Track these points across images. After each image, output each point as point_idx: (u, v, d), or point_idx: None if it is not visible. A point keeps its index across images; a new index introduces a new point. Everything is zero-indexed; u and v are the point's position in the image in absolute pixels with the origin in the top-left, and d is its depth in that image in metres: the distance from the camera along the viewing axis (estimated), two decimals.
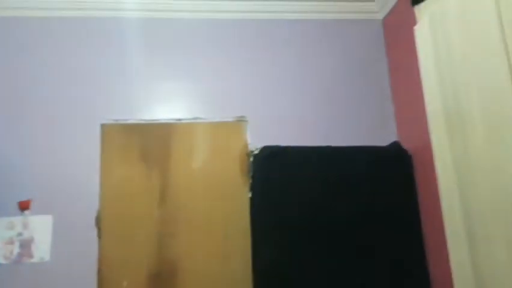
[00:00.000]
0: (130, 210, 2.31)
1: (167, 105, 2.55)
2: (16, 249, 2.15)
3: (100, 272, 2.20)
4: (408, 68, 2.54)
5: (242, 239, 2.36)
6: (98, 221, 2.27)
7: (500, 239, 1.21)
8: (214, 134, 2.55)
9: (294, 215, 2.29)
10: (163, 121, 2.50)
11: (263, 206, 2.32)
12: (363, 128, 2.71)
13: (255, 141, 2.51)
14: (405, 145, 2.58)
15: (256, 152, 2.40)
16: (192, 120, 2.54)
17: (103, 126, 2.41)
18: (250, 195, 2.40)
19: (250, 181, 2.40)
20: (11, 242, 2.16)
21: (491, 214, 1.28)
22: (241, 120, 2.59)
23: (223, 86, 2.65)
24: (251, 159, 2.43)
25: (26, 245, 2.17)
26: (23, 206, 2.21)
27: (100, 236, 2.26)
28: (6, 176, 2.24)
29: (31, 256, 2.16)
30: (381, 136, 2.67)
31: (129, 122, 2.46)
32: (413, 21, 2.32)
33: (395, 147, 2.58)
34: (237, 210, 2.42)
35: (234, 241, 2.37)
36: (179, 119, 2.53)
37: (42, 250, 2.18)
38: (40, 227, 2.20)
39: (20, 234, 2.17)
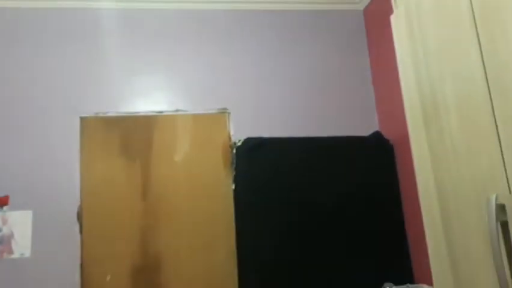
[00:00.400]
0: (112, 204, 2.30)
1: (148, 97, 2.53)
2: None
3: (82, 266, 2.19)
4: (388, 59, 2.57)
5: (226, 230, 2.38)
6: (80, 216, 2.25)
7: (472, 218, 1.26)
8: (196, 126, 2.54)
9: (277, 206, 2.31)
10: (144, 114, 2.48)
11: (247, 197, 2.32)
12: (345, 119, 2.73)
13: (238, 133, 2.51)
14: (387, 135, 2.62)
15: (239, 143, 2.40)
16: (174, 113, 2.53)
17: (82, 119, 2.37)
18: (233, 187, 2.40)
19: (234, 173, 2.40)
20: None
21: (464, 195, 1.32)
22: (223, 112, 2.59)
23: (205, 77, 2.64)
24: (234, 151, 2.43)
25: (5, 241, 2.14)
26: (1, 202, 2.17)
27: (81, 231, 2.24)
28: None
29: (11, 252, 2.13)
30: (363, 126, 2.70)
31: (109, 114, 2.43)
32: (392, 12, 2.33)
33: (377, 137, 2.62)
34: (220, 202, 2.43)
35: (217, 233, 2.38)
36: (161, 112, 2.51)
37: (22, 246, 2.15)
38: (20, 223, 2.17)
39: None
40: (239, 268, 2.26)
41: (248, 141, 2.39)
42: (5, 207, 2.17)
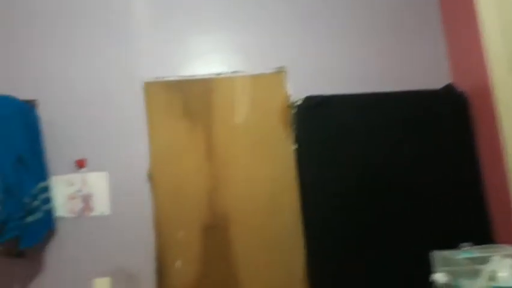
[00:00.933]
0: (179, 165, 2.38)
1: (206, 59, 2.52)
2: (79, 204, 2.32)
3: (156, 224, 2.33)
4: (463, 4, 2.29)
5: (289, 191, 2.38)
6: (150, 177, 2.37)
7: None
8: (254, 87, 2.50)
9: (342, 165, 2.25)
10: (202, 76, 2.48)
11: (309, 158, 2.29)
12: (413, 71, 2.54)
13: (296, 92, 2.44)
14: (461, 87, 2.39)
15: (298, 103, 2.33)
16: (231, 74, 2.51)
17: (146, 84, 2.44)
18: (295, 147, 2.37)
19: (295, 133, 2.36)
20: (73, 197, 2.32)
21: None
22: (280, 71, 2.52)
23: (261, 36, 2.56)
24: (293, 110, 2.37)
25: (86, 200, 2.33)
26: (80, 164, 2.34)
27: (153, 190, 2.36)
28: (63, 136, 2.37)
29: (92, 210, 2.32)
30: (434, 79, 2.50)
31: (170, 79, 2.46)
32: None
33: (449, 89, 2.41)
34: (281, 163, 2.42)
35: (281, 193, 2.39)
36: (219, 73, 2.50)
37: (101, 205, 2.32)
38: (97, 183, 2.33)
39: (79, 190, 2.33)
40: (306, 229, 2.27)
41: (308, 100, 2.31)
42: (83, 169, 2.34)
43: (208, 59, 2.52)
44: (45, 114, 2.35)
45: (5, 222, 2.01)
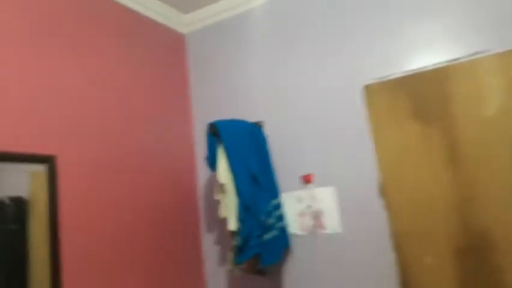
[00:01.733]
0: (414, 175, 2.00)
1: (435, 45, 2.09)
2: (309, 221, 2.24)
3: (396, 245, 2.00)
4: None
5: None
6: (382, 191, 2.08)
7: None
8: (508, 67, 1.90)
9: None
10: (433, 67, 2.06)
11: None
12: None
13: None
14: None
15: None
16: (472, 57, 1.99)
17: (366, 87, 2.20)
18: None
19: None
20: (303, 214, 2.26)
21: None
22: None
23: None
24: None
25: (316, 217, 2.22)
26: (307, 180, 2.28)
27: (387, 206, 2.06)
28: (288, 152, 2.37)
29: (324, 227, 2.19)
30: None
31: (392, 77, 2.15)
32: None
33: None
34: None
35: None
36: (455, 59, 2.02)
37: (332, 221, 2.17)
38: (326, 199, 2.20)
39: (309, 206, 2.25)
40: None
41: None
42: (310, 185, 2.26)
43: (437, 44, 2.09)
44: (271, 133, 2.41)
45: (247, 240, 2.09)
